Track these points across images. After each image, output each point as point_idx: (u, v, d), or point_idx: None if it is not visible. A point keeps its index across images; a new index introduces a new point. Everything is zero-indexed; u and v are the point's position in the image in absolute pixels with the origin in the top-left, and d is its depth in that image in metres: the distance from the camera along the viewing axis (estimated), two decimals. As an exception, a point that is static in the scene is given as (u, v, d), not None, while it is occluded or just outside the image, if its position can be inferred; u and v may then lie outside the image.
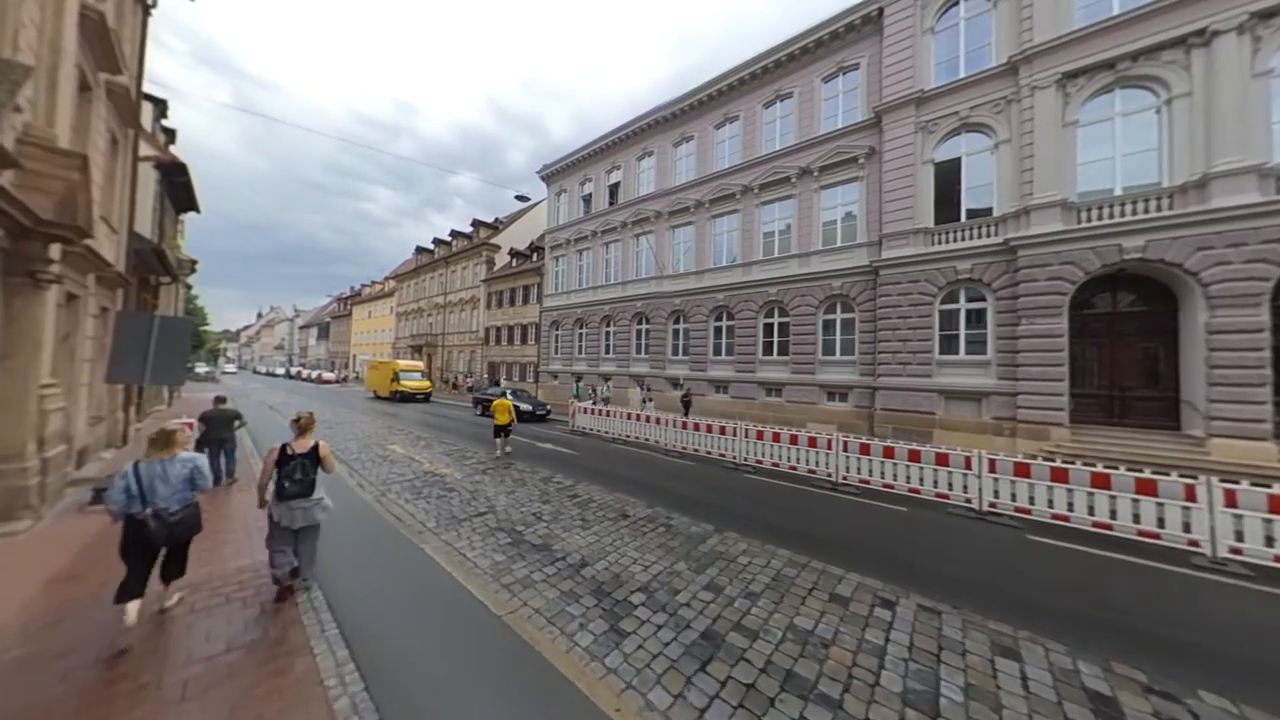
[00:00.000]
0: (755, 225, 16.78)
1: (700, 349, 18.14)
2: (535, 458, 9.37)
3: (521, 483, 7.24)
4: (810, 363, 14.94)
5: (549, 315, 25.95)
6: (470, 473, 7.89)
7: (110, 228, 7.83)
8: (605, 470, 8.38)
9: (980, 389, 11.37)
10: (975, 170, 12.15)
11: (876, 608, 3.60)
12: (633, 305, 20.94)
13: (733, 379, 16.90)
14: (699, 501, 6.51)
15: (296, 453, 3.40)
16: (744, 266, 16.97)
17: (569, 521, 5.47)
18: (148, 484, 2.98)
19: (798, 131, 15.76)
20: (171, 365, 6.06)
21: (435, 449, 10.09)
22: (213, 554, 4.17)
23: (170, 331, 6.05)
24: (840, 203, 14.76)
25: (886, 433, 12.42)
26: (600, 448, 10.96)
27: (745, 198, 17.03)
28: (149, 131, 12.87)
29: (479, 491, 6.69)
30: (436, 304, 37.91)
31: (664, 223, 19.89)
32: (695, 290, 18.38)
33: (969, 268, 11.65)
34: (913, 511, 6.26)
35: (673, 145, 20.00)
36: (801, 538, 5.13)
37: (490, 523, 5.41)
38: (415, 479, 7.42)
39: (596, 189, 23.71)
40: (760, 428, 8.79)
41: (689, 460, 9.53)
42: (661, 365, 19.62)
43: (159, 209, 12.86)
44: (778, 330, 16.05)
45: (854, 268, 14.04)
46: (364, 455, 9.24)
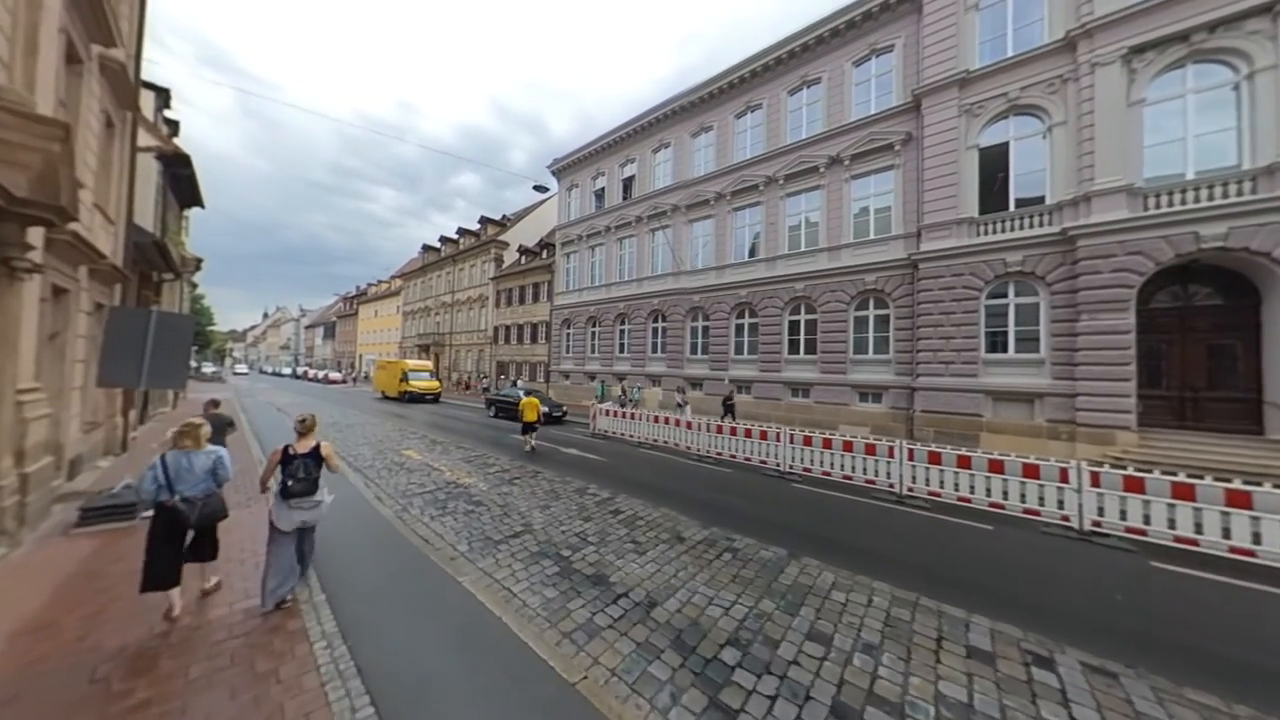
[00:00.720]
0: (780, 218, 16.04)
1: (721, 348, 17.42)
2: (563, 465, 8.71)
3: (555, 495, 6.57)
4: (841, 362, 14.20)
5: (560, 313, 25.30)
6: (496, 482, 7.23)
7: (106, 217, 7.22)
8: (641, 480, 7.70)
9: (1033, 390, 10.60)
10: (1025, 156, 11.35)
11: (1032, 667, 2.90)
12: (649, 302, 20.25)
13: (756, 379, 16.18)
14: (756, 518, 5.82)
15: (299, 453, 3.44)
16: (768, 261, 16.23)
17: (619, 545, 4.79)
18: (174, 473, 3.16)
19: (826, 118, 14.99)
20: (171, 366, 5.44)
21: (453, 454, 9.45)
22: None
23: (169, 329, 5.42)
24: (873, 193, 13.99)
25: (928, 436, 11.67)
26: (627, 453, 10.28)
27: (769, 189, 16.28)
28: (150, 121, 12.31)
29: (510, 506, 6.03)
30: (444, 303, 37.36)
31: (682, 217, 19.17)
32: (715, 286, 17.66)
33: (1020, 260, 10.87)
34: (1000, 530, 5.54)
35: (691, 136, 19.26)
36: (892, 565, 4.43)
37: (530, 546, 4.74)
38: (437, 490, 6.77)
39: (610, 183, 23.01)
40: (808, 433, 8.07)
41: (726, 467, 8.83)
42: (680, 365, 18.92)
43: (161, 202, 12.29)
44: (804, 328, 15.31)
45: (889, 261, 13.28)
46: (379, 462, 8.61)
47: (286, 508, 3.34)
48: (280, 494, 3.36)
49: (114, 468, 7.20)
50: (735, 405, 14.10)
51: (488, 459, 9.04)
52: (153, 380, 5.29)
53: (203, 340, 45.50)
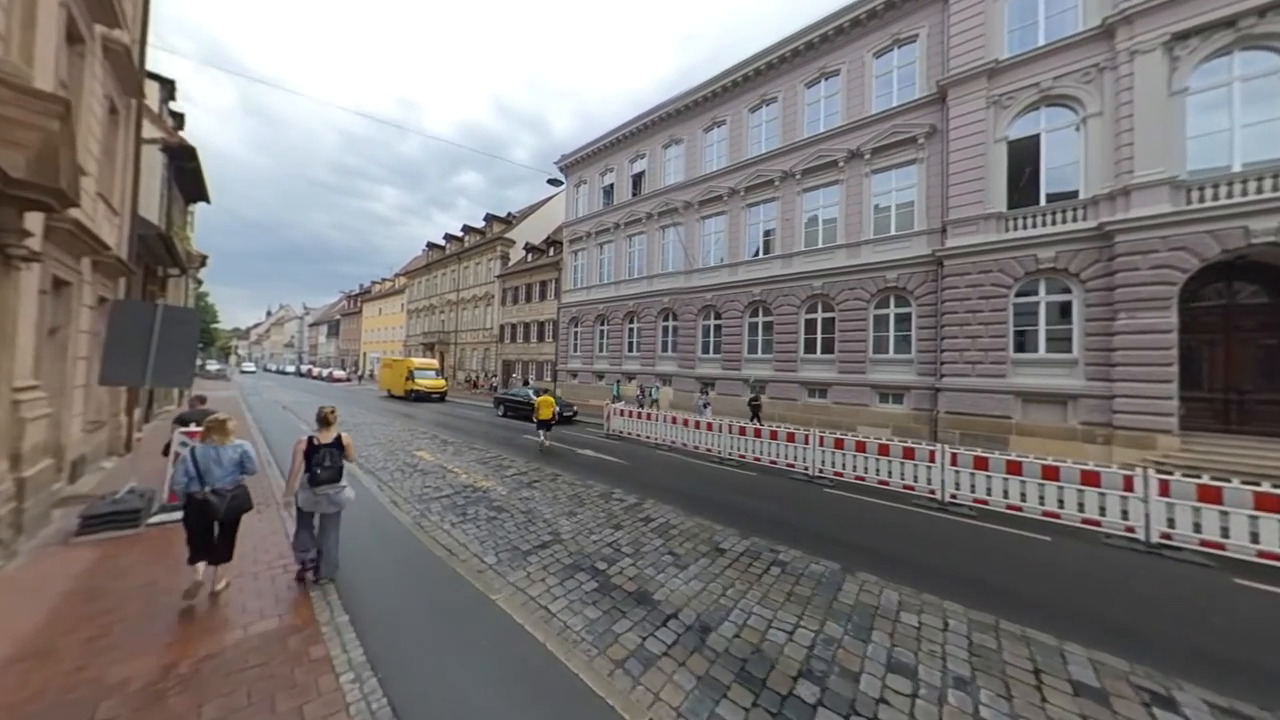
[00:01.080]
0: (796, 214, 15.66)
1: (734, 347, 17.07)
2: (582, 468, 8.38)
3: (579, 500, 6.25)
4: (860, 361, 13.82)
5: (568, 311, 24.98)
6: (515, 486, 6.91)
7: (110, 208, 6.93)
8: (666, 484, 7.37)
9: (1065, 391, 10.22)
10: (1057, 148, 10.95)
11: (1153, 708, 2.55)
12: (659, 300, 19.90)
13: (771, 378, 15.82)
14: (795, 527, 5.48)
15: (323, 443, 3.64)
16: (784, 258, 15.85)
17: (656, 556, 4.46)
18: (204, 466, 3.27)
19: (846, 111, 14.60)
20: (177, 363, 5.14)
21: (466, 456, 9.14)
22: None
23: (176, 323, 5.12)
24: (895, 187, 13.60)
25: (953, 438, 11.30)
26: (645, 455, 9.95)
27: (785, 185, 15.90)
28: (155, 113, 12.04)
29: (534, 512, 5.70)
30: (449, 301, 37.10)
31: (693, 213, 18.81)
32: (728, 284, 17.30)
33: (1052, 256, 10.48)
34: (1060, 541, 5.18)
35: (703, 131, 18.88)
36: (955, 581, 4.09)
37: (562, 557, 4.41)
38: (455, 494, 6.46)
39: (619, 179, 22.65)
40: (840, 435, 7.72)
41: (750, 471, 8.49)
42: (691, 364, 18.57)
43: (166, 195, 12.02)
44: (821, 326, 14.94)
45: (912, 258, 12.89)
46: (391, 464, 8.31)
47: (312, 494, 3.57)
48: (308, 482, 3.57)
49: (118, 469, 6.92)
50: (762, 405, 13.62)
51: (503, 460, 8.73)
52: (158, 378, 4.99)
53: (207, 338, 45.41)
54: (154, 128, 11.64)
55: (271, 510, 5.24)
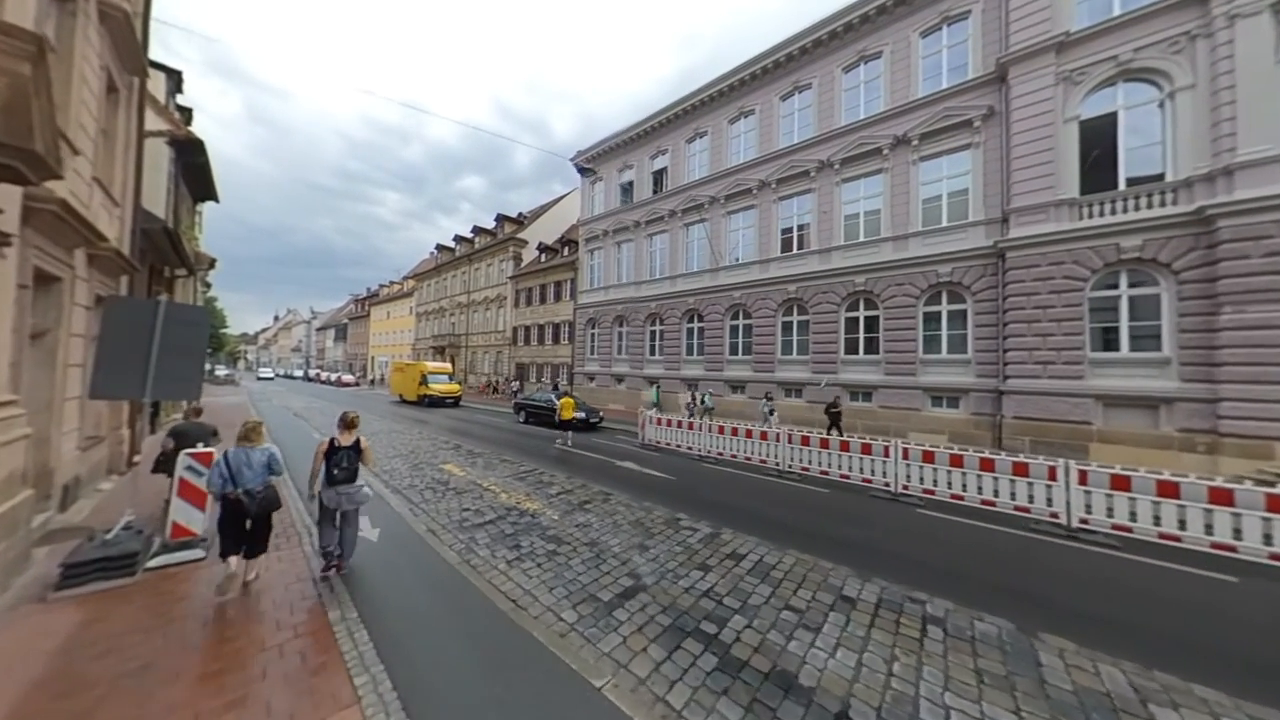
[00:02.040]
0: (834, 206, 14.75)
1: (766, 348, 16.15)
2: (630, 484, 7.51)
3: (644, 529, 5.37)
4: (909, 362, 12.87)
5: (584, 313, 24.16)
6: (564, 508, 6.05)
7: (109, 196, 6.17)
8: (735, 506, 6.48)
9: (1156, 394, 9.23)
10: (1138, 126, 9.99)
11: None
12: (684, 301, 19.02)
13: (808, 381, 14.89)
14: (915, 562, 4.59)
15: (342, 445, 3.91)
16: (821, 253, 14.94)
17: (771, 612, 3.57)
18: (235, 469, 3.53)
19: (889, 96, 13.69)
20: (184, 371, 4.34)
21: (499, 470, 8.30)
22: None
23: (181, 324, 4.33)
24: (946, 175, 12.66)
25: (1023, 446, 10.34)
26: (692, 468, 9.07)
27: (821, 175, 15.01)
28: (162, 104, 11.38)
29: (599, 545, 4.84)
30: (459, 303, 36.44)
31: (720, 209, 17.94)
32: (759, 282, 16.40)
33: (1137, 245, 9.50)
34: (1248, 583, 4.24)
35: (729, 122, 18.03)
36: (1181, 649, 3.18)
37: (654, 613, 3.53)
38: (499, 519, 5.61)
39: (639, 176, 21.83)
40: (929, 448, 6.79)
41: (820, 486, 7.58)
42: (719, 367, 17.67)
43: (173, 192, 11.33)
44: (864, 325, 14.01)
45: (968, 250, 11.94)
46: (419, 480, 7.48)
47: (334, 492, 3.84)
48: (326, 482, 3.85)
49: (117, 490, 6.14)
50: (842, 413, 11.71)
51: (541, 476, 7.87)
52: (160, 389, 4.19)
53: (216, 343, 45.11)
54: (160, 119, 10.98)
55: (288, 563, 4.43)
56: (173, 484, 4.13)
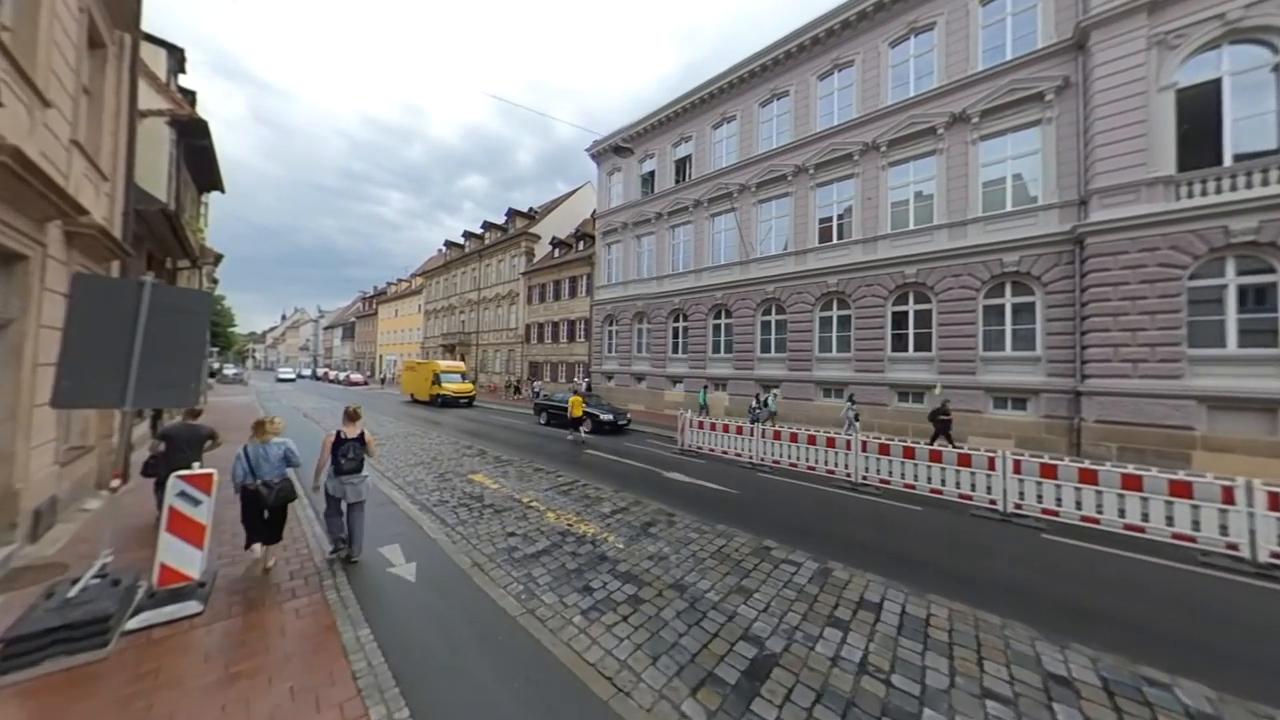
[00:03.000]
0: (880, 191, 13.68)
1: (802, 345, 15.13)
2: (690, 501, 6.55)
3: (733, 562, 4.42)
4: (968, 361, 11.81)
5: (602, 309, 23.22)
6: (626, 532, 5.12)
7: (92, 165, 5.29)
8: (822, 528, 5.53)
9: (1274, 395, 8.14)
10: (1247, 95, 8.87)
11: None
12: (710, 295, 18.02)
13: (849, 380, 13.87)
14: (1101, 618, 3.61)
15: (348, 437, 4.13)
16: (865, 243, 13.89)
17: (969, 700, 2.61)
18: (255, 462, 3.82)
19: (943, 71, 12.60)
20: (177, 372, 3.43)
21: (536, 481, 7.38)
22: None
23: (174, 313, 3.43)
24: (1011, 155, 11.57)
25: (1108, 453, 9.28)
26: (748, 478, 8.10)
27: (866, 158, 13.94)
28: (163, 82, 10.53)
29: (688, 589, 3.89)
30: (469, 300, 35.63)
31: (750, 197, 16.91)
32: (794, 274, 15.37)
33: (1251, 228, 8.39)
34: None
35: (759, 106, 16.98)
36: None
37: (810, 706, 2.58)
38: (554, 547, 4.68)
39: (661, 165, 20.83)
40: (1049, 460, 5.78)
41: (906, 502, 6.58)
42: (749, 365, 16.67)
43: (175, 177, 10.50)
44: (915, 320, 12.96)
45: (1037, 237, 10.86)
46: (448, 494, 6.57)
47: (339, 482, 4.07)
48: (333, 472, 4.07)
49: (104, 512, 5.27)
50: (951, 420, 10.05)
51: (586, 490, 6.94)
52: (146, 395, 3.28)
53: (224, 341, 44.64)
54: (160, 98, 10.13)
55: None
56: (161, 514, 3.23)
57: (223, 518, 4.24)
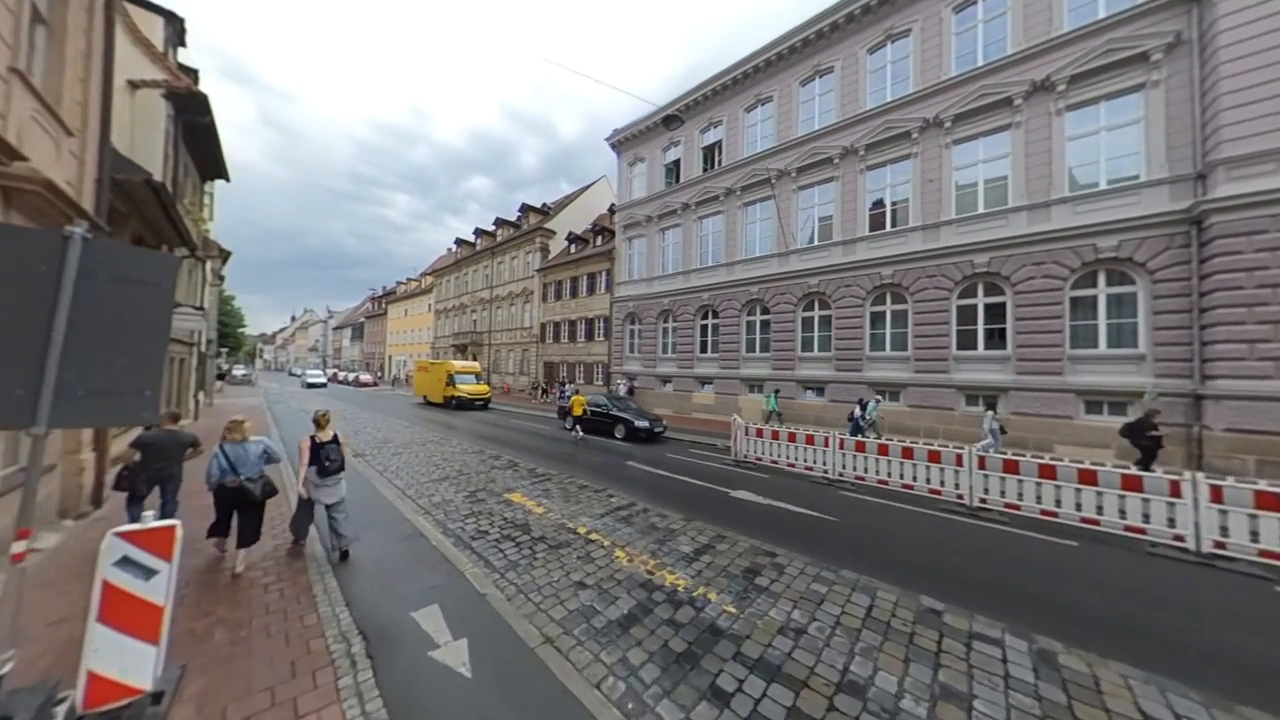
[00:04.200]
0: (943, 172, 12.35)
1: (851, 343, 13.82)
2: (785, 532, 5.32)
3: (897, 634, 3.19)
4: (1054, 360, 10.45)
5: (623, 306, 22.03)
6: (727, 584, 3.90)
7: (51, 113, 4.20)
8: (973, 576, 4.29)
9: None
10: None
11: None
12: (744, 290, 16.75)
13: (910, 382, 12.55)
14: None
15: (325, 440, 4.24)
16: (925, 230, 12.56)
17: None
18: (236, 460, 3.93)
19: (1019, 35, 11.25)
20: (125, 373, 2.29)
21: (585, 503, 6.19)
22: None
23: (119, 282, 2.28)
24: (1104, 125, 10.19)
25: (1242, 467, 7.89)
26: (830, 497, 6.85)
27: (926, 136, 12.62)
28: (160, 52, 9.54)
29: (857, 683, 2.67)
30: (481, 299, 34.66)
31: (790, 184, 15.63)
32: (841, 266, 14.07)
33: None
34: None
35: (799, 84, 15.70)
36: None
37: None
38: (640, 609, 3.48)
39: (687, 153, 19.60)
40: (1268, 487, 4.47)
41: (1052, 534, 5.30)
42: (789, 365, 15.38)
43: (173, 156, 9.50)
44: (984, 314, 11.61)
45: (1142, 218, 9.48)
46: (488, 523, 5.40)
47: (317, 485, 4.16)
48: (317, 474, 4.14)
49: (68, 548, 4.18)
50: (1162, 437, 7.29)
51: (648, 515, 5.73)
52: (70, 409, 2.15)
53: (234, 342, 44.17)
54: (156, 67, 9.13)
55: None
56: (93, 599, 2.09)
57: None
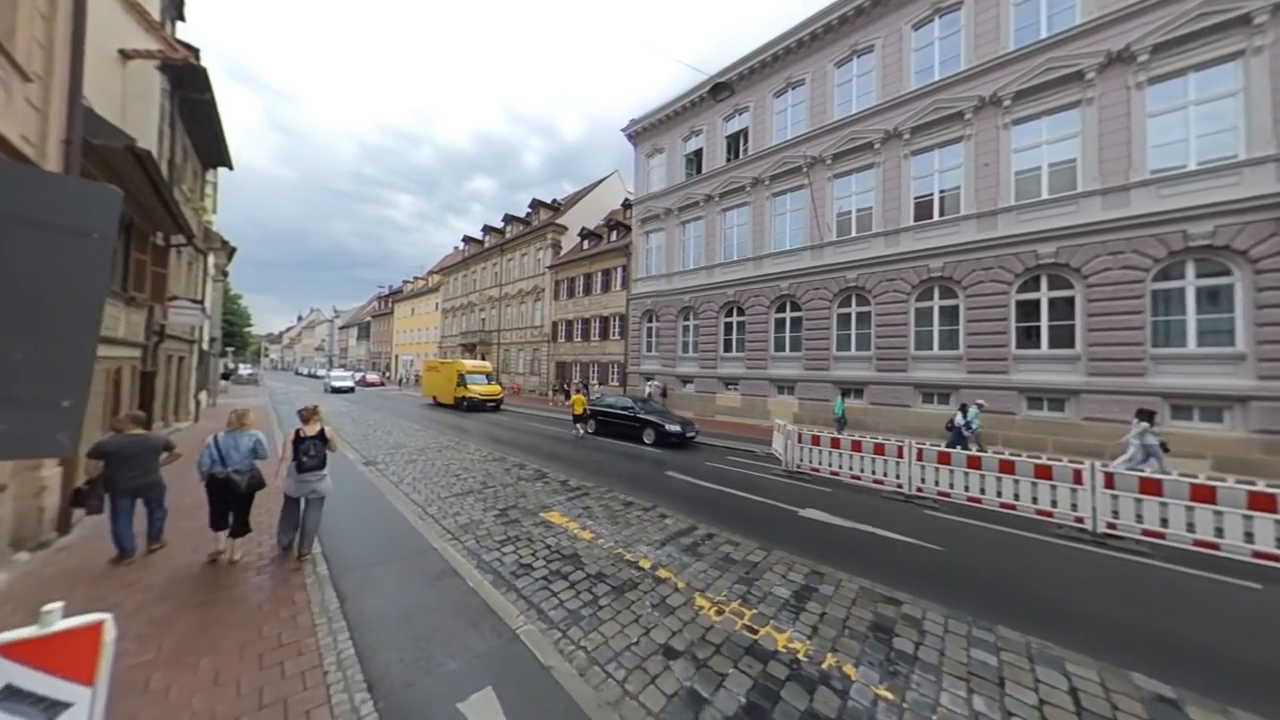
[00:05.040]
0: (1000, 155, 11.34)
1: (894, 341, 12.84)
2: (891, 570, 4.39)
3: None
4: (1134, 359, 9.44)
5: (640, 304, 21.12)
6: (863, 652, 2.99)
7: None
8: (1130, 625, 3.38)
9: None
10: None
11: None
12: (773, 286, 15.80)
13: (961, 383, 11.56)
14: None
15: (308, 435, 4.12)
16: (980, 218, 11.56)
17: None
18: (226, 451, 3.93)
19: (1090, 3, 10.25)
20: (27, 372, 1.35)
21: (637, 526, 5.28)
22: None
23: (16, 225, 1.35)
24: (1193, 99, 9.17)
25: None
26: (916, 518, 5.91)
27: (981, 116, 11.62)
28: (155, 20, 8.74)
29: None
30: (490, 297, 33.87)
31: (824, 171, 14.66)
32: (884, 259, 13.10)
33: None
34: None
35: (834, 66, 14.73)
36: None
37: None
38: (763, 692, 2.58)
39: (710, 142, 18.66)
40: None
41: (1205, 570, 4.35)
42: (823, 365, 14.41)
43: (170, 136, 8.71)
44: (1049, 310, 10.61)
45: (1244, 200, 8.47)
46: (529, 551, 4.51)
47: (296, 481, 4.06)
48: (295, 469, 4.04)
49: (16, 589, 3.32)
50: None
51: (717, 542, 4.82)
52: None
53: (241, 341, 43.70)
54: (150, 36, 8.31)
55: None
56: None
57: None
